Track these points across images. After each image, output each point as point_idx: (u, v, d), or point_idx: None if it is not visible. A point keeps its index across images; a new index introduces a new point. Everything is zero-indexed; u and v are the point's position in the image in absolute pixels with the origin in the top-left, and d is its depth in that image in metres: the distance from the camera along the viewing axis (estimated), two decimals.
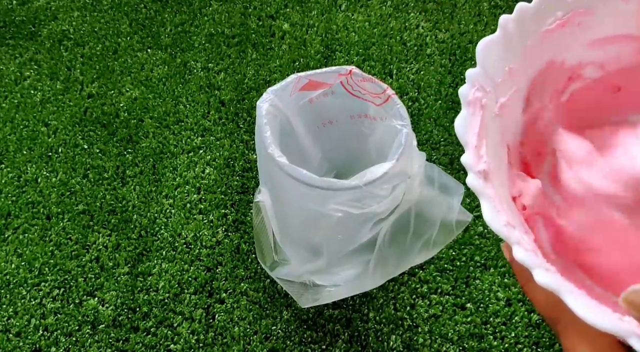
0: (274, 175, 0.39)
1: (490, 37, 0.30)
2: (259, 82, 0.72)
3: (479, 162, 0.27)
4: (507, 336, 0.56)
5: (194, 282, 0.57)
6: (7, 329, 0.55)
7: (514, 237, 0.25)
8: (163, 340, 0.54)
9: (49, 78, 0.73)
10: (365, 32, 0.76)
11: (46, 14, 0.79)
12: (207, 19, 0.78)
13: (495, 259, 0.60)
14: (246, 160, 0.66)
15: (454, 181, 0.46)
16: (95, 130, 0.68)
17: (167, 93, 0.71)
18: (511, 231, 0.25)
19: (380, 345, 0.55)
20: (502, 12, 0.76)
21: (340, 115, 0.49)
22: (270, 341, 0.54)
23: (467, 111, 0.28)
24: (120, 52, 0.75)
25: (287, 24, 0.77)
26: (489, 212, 0.25)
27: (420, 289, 0.58)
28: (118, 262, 0.59)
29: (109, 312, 0.56)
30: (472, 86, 0.28)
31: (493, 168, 0.28)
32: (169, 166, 0.65)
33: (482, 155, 0.27)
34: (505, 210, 0.28)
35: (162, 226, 0.61)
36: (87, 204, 0.63)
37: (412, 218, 0.42)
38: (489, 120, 0.29)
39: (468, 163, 0.26)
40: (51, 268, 0.59)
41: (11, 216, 0.62)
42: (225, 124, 0.69)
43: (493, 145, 0.29)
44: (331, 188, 0.35)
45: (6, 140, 0.68)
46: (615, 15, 0.29)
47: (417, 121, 0.68)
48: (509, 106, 0.31)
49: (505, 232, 0.25)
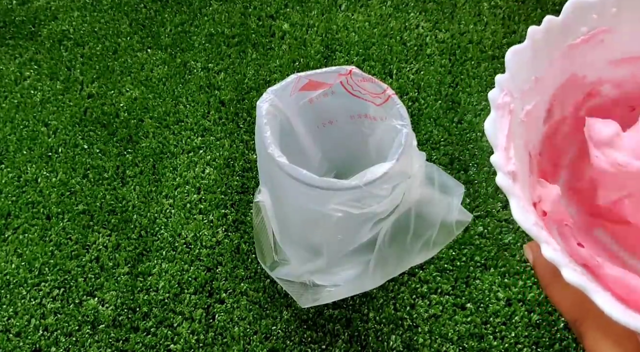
0: (274, 175, 0.39)
1: (519, 46, 0.31)
2: (259, 82, 0.72)
3: (508, 163, 0.27)
4: (507, 336, 0.56)
5: (194, 282, 0.57)
6: (7, 329, 0.55)
7: (543, 236, 0.25)
8: (163, 340, 0.54)
9: (49, 78, 0.73)
10: (365, 32, 0.76)
11: (46, 14, 0.79)
12: (207, 19, 0.78)
13: (495, 259, 0.60)
14: (246, 160, 0.66)
15: (454, 181, 0.46)
16: (95, 130, 0.69)
17: (167, 93, 0.71)
18: (540, 230, 0.26)
19: (380, 345, 0.55)
20: (502, 12, 0.76)
21: (340, 115, 0.49)
22: (270, 340, 0.54)
23: (496, 114, 0.29)
24: (120, 52, 0.75)
25: (287, 24, 0.77)
26: (518, 211, 0.26)
27: (420, 289, 0.58)
28: (118, 262, 0.59)
29: (109, 312, 0.56)
30: (501, 91, 0.29)
31: (519, 171, 0.29)
32: (169, 166, 0.65)
33: (510, 157, 0.28)
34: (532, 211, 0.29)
35: (162, 226, 0.61)
36: (87, 204, 0.63)
37: (412, 218, 0.42)
38: (515, 125, 0.30)
39: (498, 163, 0.27)
40: (51, 268, 0.59)
41: (11, 216, 0.62)
42: (225, 124, 0.69)
43: (518, 150, 0.30)
44: (331, 188, 0.35)
45: (6, 140, 0.68)
46: (636, 36, 0.30)
47: (417, 121, 0.68)
48: (533, 114, 0.32)
49: (535, 231, 0.25)
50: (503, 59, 0.77)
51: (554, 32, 0.30)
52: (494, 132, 0.27)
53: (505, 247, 0.60)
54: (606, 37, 0.30)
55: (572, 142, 0.38)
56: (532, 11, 0.75)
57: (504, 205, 0.58)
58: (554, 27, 0.30)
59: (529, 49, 0.30)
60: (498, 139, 0.27)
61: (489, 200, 0.59)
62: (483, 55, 0.72)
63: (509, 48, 0.29)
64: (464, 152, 0.64)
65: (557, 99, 0.33)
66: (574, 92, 0.34)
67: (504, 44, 0.72)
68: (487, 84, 0.70)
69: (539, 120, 0.34)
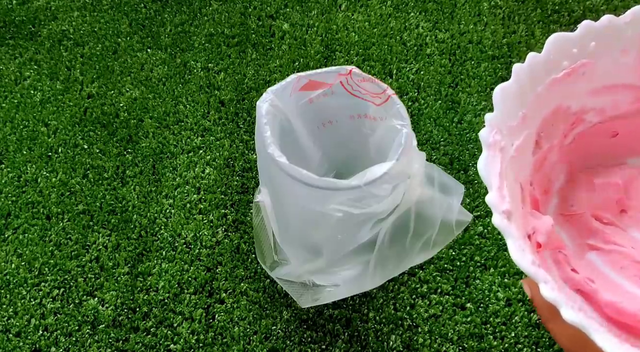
0: (273, 175, 0.39)
1: (505, 84, 0.32)
2: (259, 82, 0.72)
3: (503, 203, 0.28)
4: (507, 336, 0.56)
5: (194, 282, 0.57)
6: (7, 329, 0.55)
7: (541, 275, 0.26)
8: (163, 340, 0.54)
9: (48, 78, 0.73)
10: (365, 32, 0.76)
11: (46, 14, 0.79)
12: (207, 19, 0.78)
13: (495, 259, 0.60)
14: (246, 160, 0.66)
15: (454, 181, 0.46)
16: (95, 131, 0.69)
17: (167, 93, 0.71)
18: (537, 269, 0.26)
19: (380, 345, 0.55)
20: (502, 12, 0.76)
21: (340, 115, 0.49)
22: (270, 340, 0.54)
23: (487, 153, 0.30)
24: (120, 52, 0.75)
25: (287, 24, 0.77)
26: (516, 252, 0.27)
27: (420, 289, 0.58)
28: (118, 262, 0.59)
29: (109, 312, 0.56)
30: (491, 130, 0.30)
31: (513, 208, 0.30)
32: (169, 166, 0.65)
33: (504, 195, 0.29)
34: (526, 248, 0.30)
35: (162, 226, 0.61)
36: (87, 204, 0.63)
37: (412, 218, 0.42)
38: (507, 161, 0.31)
39: (493, 203, 0.28)
40: (51, 268, 0.59)
41: (11, 216, 0.62)
42: (225, 124, 0.69)
43: (510, 185, 0.31)
44: (331, 188, 0.35)
45: (6, 140, 0.68)
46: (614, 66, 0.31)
47: (417, 121, 0.68)
48: (522, 148, 0.33)
49: (533, 271, 0.26)
50: (503, 59, 0.78)
51: (537, 68, 0.32)
52: (487, 173, 0.28)
53: (505, 247, 0.60)
54: (587, 70, 0.31)
55: (561, 169, 0.39)
56: (532, 11, 0.75)
57: None
58: (537, 63, 0.32)
59: (515, 86, 0.31)
60: (492, 179, 0.28)
61: None
62: (483, 55, 0.72)
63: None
64: (464, 152, 0.64)
65: (544, 130, 0.34)
66: (560, 123, 0.35)
67: (504, 44, 0.72)
68: (487, 84, 0.70)
69: (528, 152, 0.35)
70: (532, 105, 0.32)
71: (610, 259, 0.43)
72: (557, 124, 0.35)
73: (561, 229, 0.41)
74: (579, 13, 0.76)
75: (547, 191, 0.40)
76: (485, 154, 0.29)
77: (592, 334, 0.24)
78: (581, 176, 0.43)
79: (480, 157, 0.28)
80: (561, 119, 0.35)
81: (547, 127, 0.34)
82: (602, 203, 0.45)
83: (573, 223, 0.43)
